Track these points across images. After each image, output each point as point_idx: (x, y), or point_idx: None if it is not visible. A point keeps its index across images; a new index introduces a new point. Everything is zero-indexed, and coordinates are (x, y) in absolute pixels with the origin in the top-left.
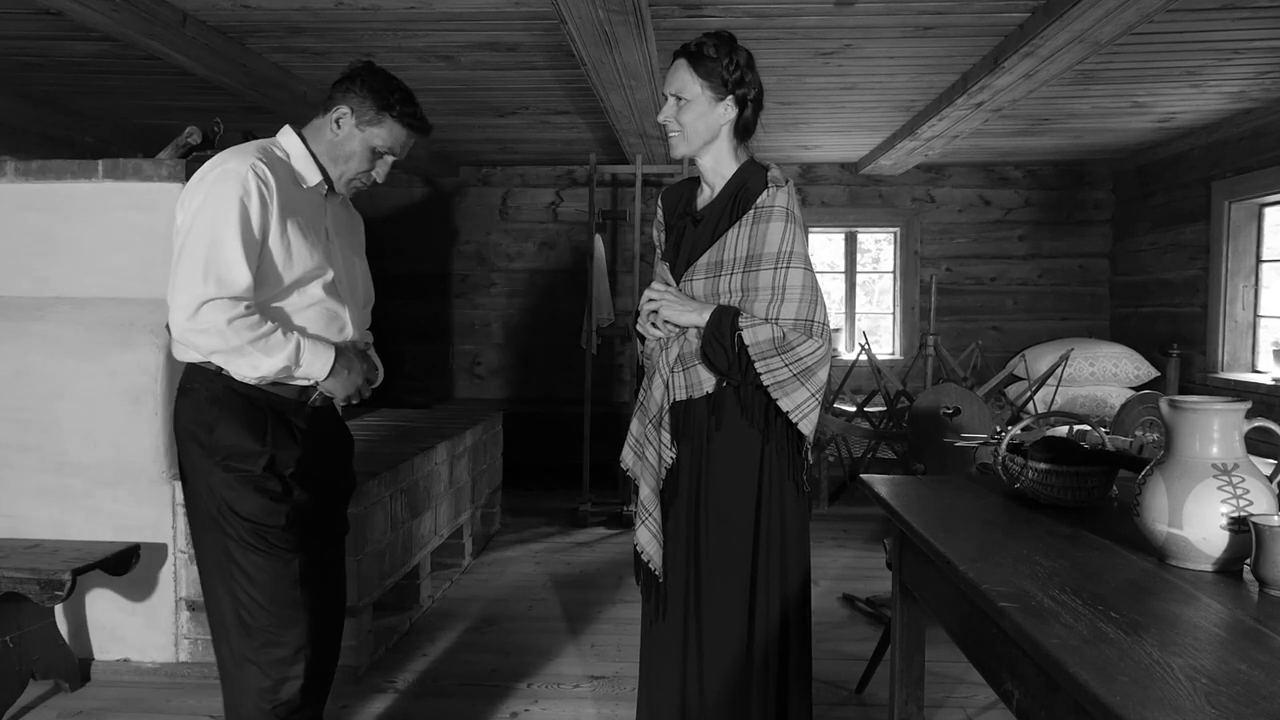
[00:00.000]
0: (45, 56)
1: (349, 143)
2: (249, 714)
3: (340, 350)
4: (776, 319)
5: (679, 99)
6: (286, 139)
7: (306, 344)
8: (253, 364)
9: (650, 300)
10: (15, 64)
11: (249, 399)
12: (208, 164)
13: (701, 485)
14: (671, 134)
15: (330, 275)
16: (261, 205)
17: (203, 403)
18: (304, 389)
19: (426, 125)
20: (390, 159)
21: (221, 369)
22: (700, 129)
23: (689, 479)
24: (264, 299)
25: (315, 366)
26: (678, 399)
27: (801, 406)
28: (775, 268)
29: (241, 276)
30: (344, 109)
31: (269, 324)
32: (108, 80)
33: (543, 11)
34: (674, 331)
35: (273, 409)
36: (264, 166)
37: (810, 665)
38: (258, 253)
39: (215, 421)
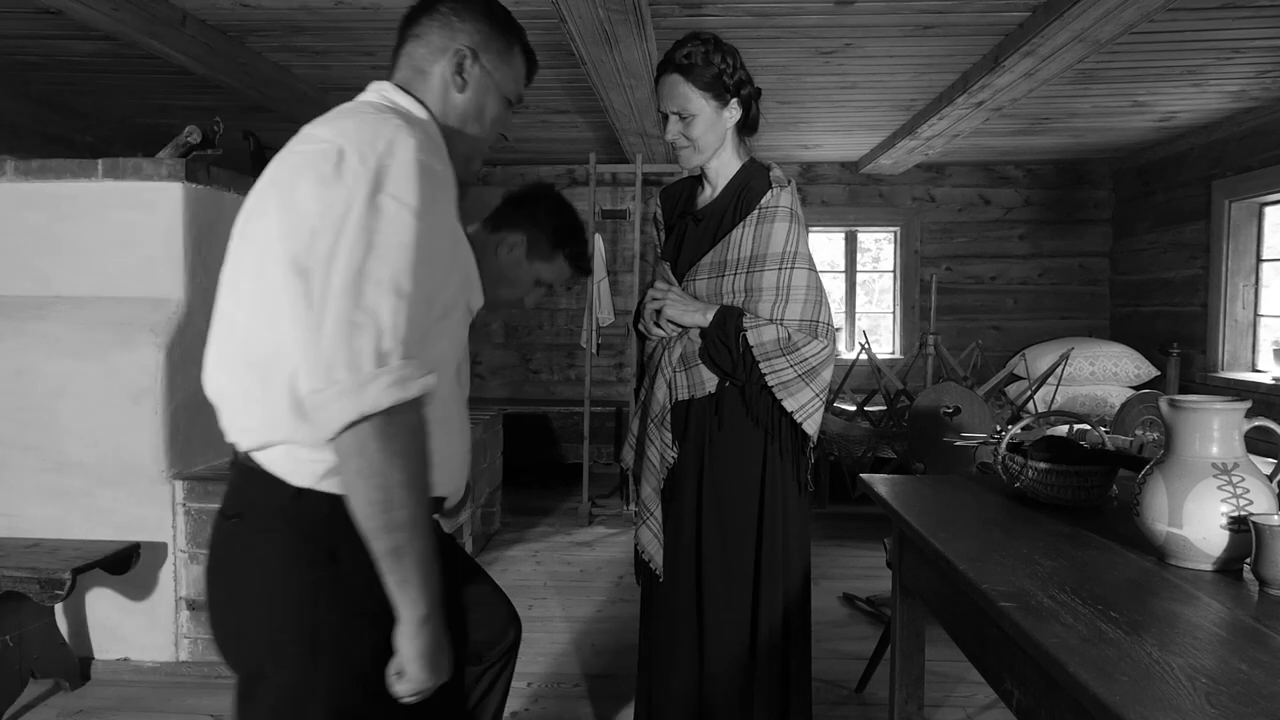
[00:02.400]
0: (45, 55)
1: (514, 270)
2: None
3: None
4: (781, 320)
5: (682, 116)
6: None
7: None
8: None
9: (654, 300)
10: (15, 63)
11: None
12: None
13: (704, 485)
14: (682, 149)
15: None
16: None
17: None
18: None
19: (590, 269)
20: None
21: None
22: (711, 139)
23: (691, 478)
24: None
25: None
26: (680, 399)
27: (806, 407)
28: (780, 268)
29: None
30: (518, 237)
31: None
32: (107, 79)
33: (543, 10)
34: (677, 331)
35: None
36: None
37: (810, 664)
38: None
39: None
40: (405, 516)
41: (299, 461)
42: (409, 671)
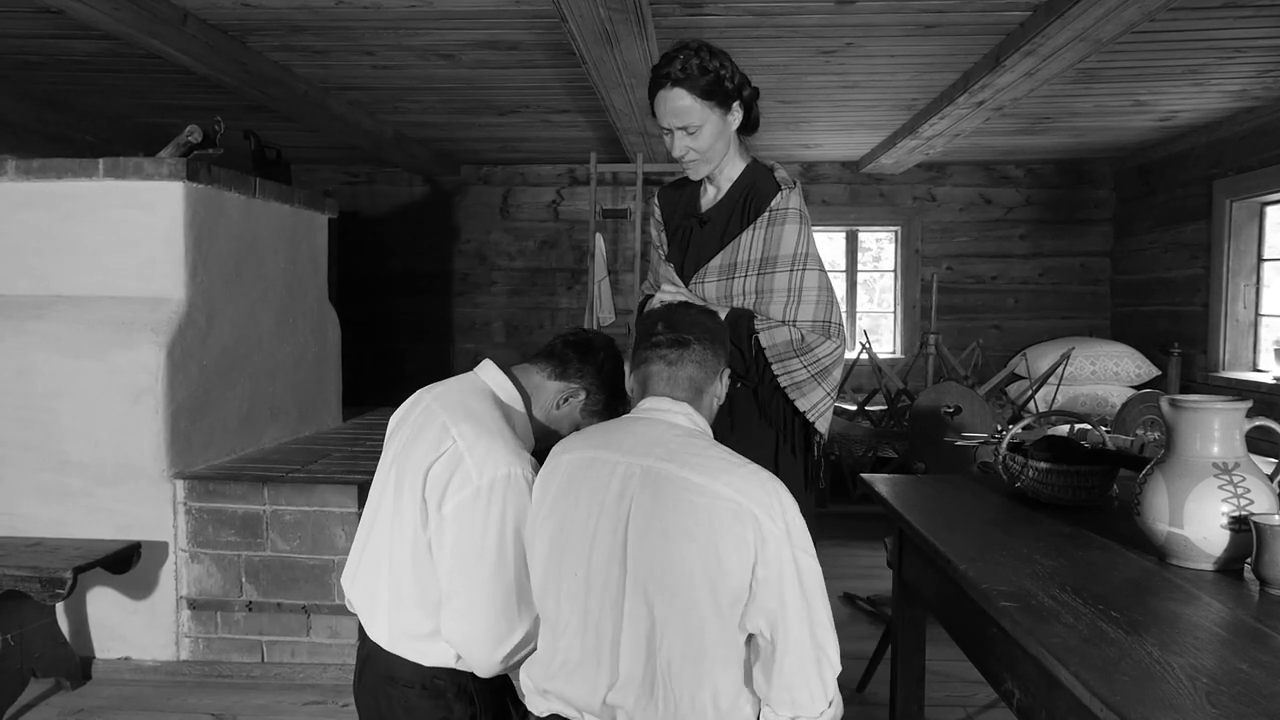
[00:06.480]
0: (46, 55)
1: (565, 420)
2: None
3: None
4: (794, 321)
5: (688, 130)
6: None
7: None
8: None
9: (663, 302)
10: (16, 62)
11: None
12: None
13: None
14: (691, 161)
15: None
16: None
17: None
18: None
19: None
20: None
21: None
22: (720, 146)
23: None
24: None
25: None
26: None
27: (818, 406)
28: (791, 270)
29: None
30: (580, 390)
31: None
32: (108, 79)
33: (543, 10)
34: None
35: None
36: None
37: None
38: None
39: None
40: None
41: None
42: None
